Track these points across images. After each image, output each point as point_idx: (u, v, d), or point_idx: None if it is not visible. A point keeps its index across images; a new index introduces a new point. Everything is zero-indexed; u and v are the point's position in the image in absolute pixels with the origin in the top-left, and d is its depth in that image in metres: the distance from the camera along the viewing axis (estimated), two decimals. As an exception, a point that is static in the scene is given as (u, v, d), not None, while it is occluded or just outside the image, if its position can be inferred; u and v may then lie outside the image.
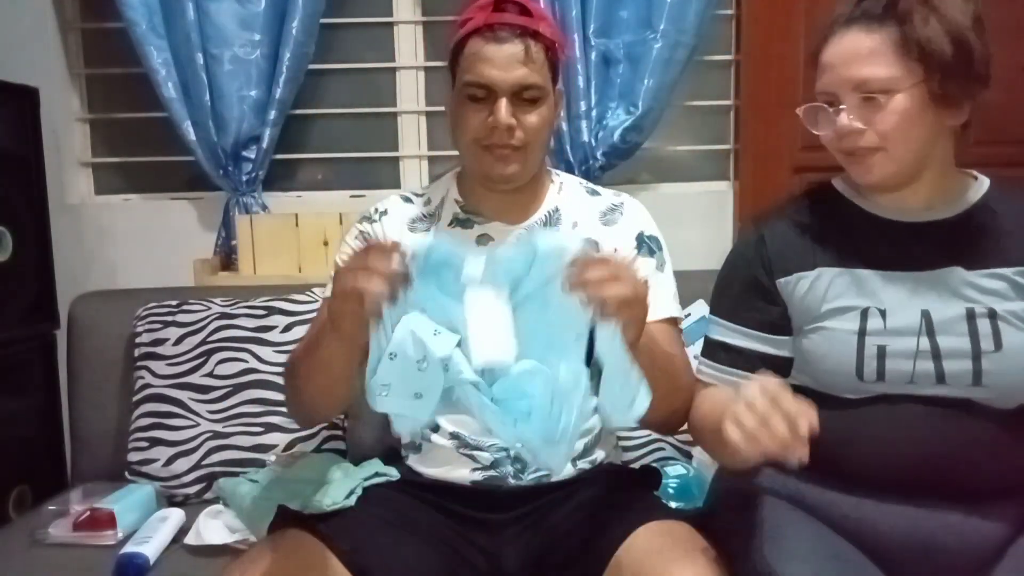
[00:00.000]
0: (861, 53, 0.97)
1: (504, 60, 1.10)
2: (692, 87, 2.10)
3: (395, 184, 2.18)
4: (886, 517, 0.98)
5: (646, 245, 1.22)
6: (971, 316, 0.97)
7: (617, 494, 1.14)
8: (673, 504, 1.30)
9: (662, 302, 1.16)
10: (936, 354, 0.97)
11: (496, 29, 1.10)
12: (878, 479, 0.98)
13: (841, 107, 0.99)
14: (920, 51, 0.94)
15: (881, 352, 0.98)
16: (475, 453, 1.15)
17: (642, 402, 0.88)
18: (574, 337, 0.86)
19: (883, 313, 0.99)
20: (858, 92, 0.97)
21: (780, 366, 1.05)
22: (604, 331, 0.85)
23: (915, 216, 1.04)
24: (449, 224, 1.22)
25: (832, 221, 1.07)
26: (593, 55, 1.96)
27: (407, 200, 1.27)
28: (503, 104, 1.10)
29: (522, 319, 0.86)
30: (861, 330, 0.99)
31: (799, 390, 1.04)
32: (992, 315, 0.97)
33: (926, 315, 0.98)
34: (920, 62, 0.95)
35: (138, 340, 1.58)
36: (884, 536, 0.97)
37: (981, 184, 1.07)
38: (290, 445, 1.50)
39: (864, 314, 1.00)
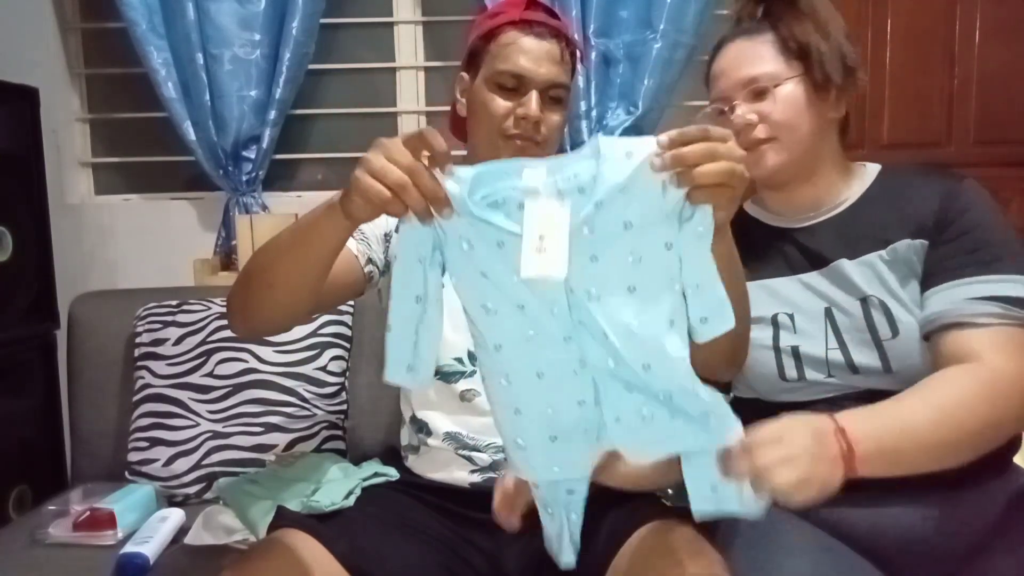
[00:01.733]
0: (747, 56, 1.08)
1: (541, 55, 1.14)
2: (692, 87, 2.10)
3: (395, 184, 2.19)
4: (862, 518, 0.98)
5: None
6: (864, 305, 1.02)
7: (617, 494, 1.13)
8: (672, 505, 1.30)
9: None
10: (843, 346, 1.02)
11: (533, 25, 1.15)
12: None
13: (736, 104, 1.07)
14: (798, 47, 1.05)
15: (795, 352, 1.04)
16: (473, 454, 1.15)
17: (729, 313, 0.78)
18: (663, 248, 0.75)
19: (791, 316, 1.06)
20: (748, 89, 1.06)
21: None
22: (689, 229, 0.75)
23: (811, 219, 1.11)
24: None
25: (740, 240, 1.11)
26: (593, 55, 1.96)
27: None
28: (534, 96, 1.13)
29: (601, 233, 0.75)
30: (775, 335, 1.06)
31: (745, 402, 1.10)
32: (882, 301, 1.02)
33: (828, 311, 1.04)
34: (799, 58, 1.05)
35: (138, 340, 1.58)
36: (864, 536, 0.98)
37: (870, 173, 1.12)
38: (290, 445, 1.50)
39: (775, 320, 1.07)
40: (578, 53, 1.23)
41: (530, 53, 1.13)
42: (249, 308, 1.01)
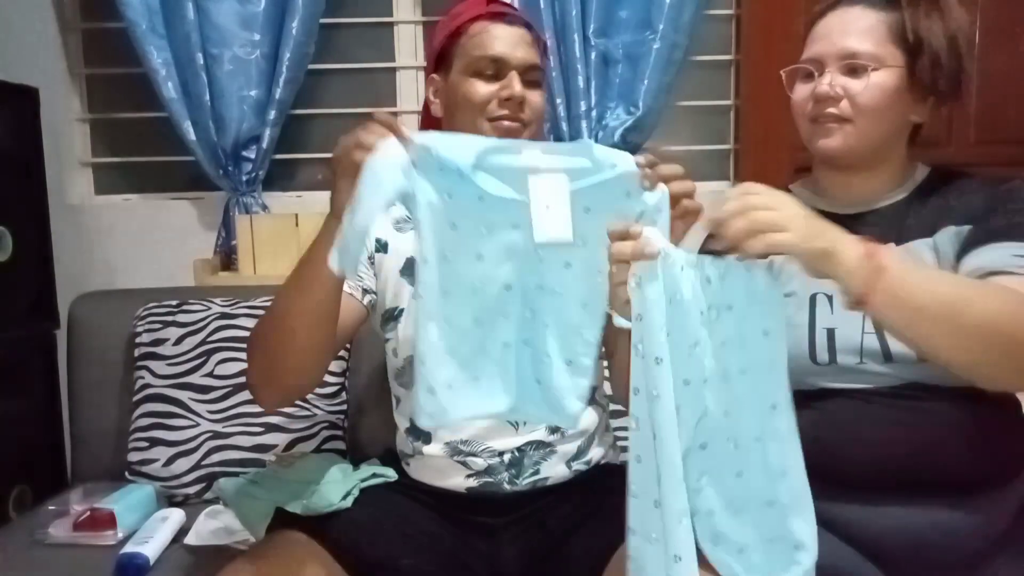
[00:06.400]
0: (858, 27, 1.02)
1: (514, 39, 1.15)
2: (692, 87, 2.10)
3: (395, 184, 2.18)
4: (874, 518, 0.98)
5: None
6: None
7: (614, 494, 1.13)
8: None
9: None
10: (880, 331, 0.99)
11: (501, 15, 1.16)
12: (858, 480, 0.99)
13: (827, 71, 1.03)
14: (915, 39, 1.00)
15: (831, 335, 1.02)
16: (468, 460, 1.14)
17: None
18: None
19: (830, 298, 1.03)
20: (844, 62, 1.02)
21: None
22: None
23: (862, 207, 1.08)
24: None
25: None
26: (593, 55, 1.96)
27: None
28: (515, 76, 1.13)
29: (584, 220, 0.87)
30: (811, 315, 1.04)
31: None
32: None
33: None
34: (909, 50, 1.00)
35: (138, 340, 1.59)
36: (874, 537, 0.97)
37: (921, 173, 1.11)
38: (290, 445, 1.50)
39: (812, 300, 1.04)
40: (546, 47, 1.24)
41: (504, 38, 1.14)
42: (274, 368, 1.02)
